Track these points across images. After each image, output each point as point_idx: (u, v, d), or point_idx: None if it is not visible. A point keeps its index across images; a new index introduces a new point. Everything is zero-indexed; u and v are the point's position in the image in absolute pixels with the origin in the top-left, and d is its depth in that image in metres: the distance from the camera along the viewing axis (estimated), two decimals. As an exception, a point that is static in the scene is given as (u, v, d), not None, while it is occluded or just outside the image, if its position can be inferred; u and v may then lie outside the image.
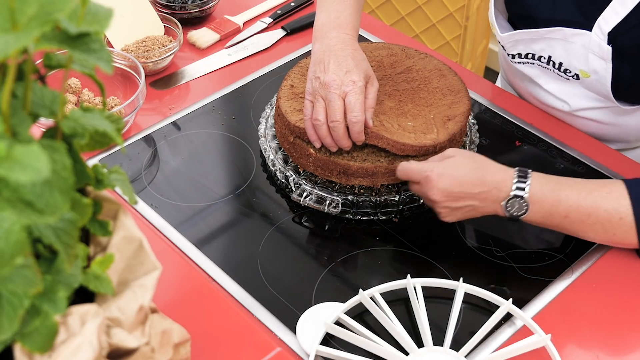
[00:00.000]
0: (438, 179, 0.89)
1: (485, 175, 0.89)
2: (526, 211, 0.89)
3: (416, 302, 0.86)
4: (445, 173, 0.89)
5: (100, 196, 0.64)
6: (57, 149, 0.51)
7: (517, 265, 0.95)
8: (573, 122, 1.14)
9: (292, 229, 0.99)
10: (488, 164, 0.91)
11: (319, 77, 0.94)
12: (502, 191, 0.89)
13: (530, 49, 1.08)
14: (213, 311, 0.86)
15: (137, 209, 1.00)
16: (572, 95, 1.09)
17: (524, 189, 0.88)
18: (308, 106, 0.95)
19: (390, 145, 0.96)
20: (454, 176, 0.89)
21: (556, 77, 1.09)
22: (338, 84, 0.92)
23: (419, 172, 0.91)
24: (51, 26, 0.48)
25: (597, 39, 0.98)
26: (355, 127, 0.93)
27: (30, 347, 0.54)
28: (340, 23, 1.00)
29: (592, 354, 0.85)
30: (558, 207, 0.88)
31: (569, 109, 1.11)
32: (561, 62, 1.06)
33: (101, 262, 0.60)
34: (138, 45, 1.23)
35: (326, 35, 0.99)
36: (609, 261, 0.95)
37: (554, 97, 1.12)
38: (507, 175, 0.89)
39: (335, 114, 0.92)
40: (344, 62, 0.94)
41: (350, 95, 0.92)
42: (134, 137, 1.11)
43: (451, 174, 0.89)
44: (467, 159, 0.91)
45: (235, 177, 1.06)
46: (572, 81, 1.07)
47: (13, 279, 0.50)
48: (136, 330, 0.61)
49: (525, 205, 0.89)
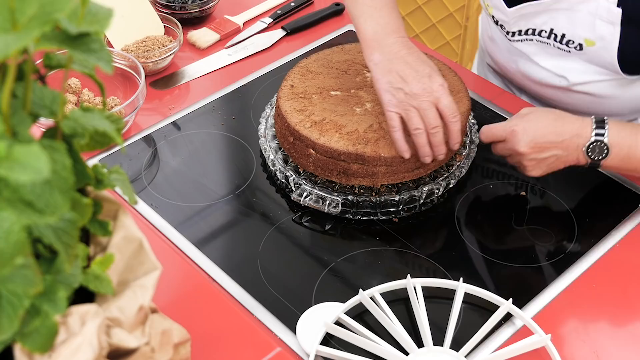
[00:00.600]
0: (524, 132, 0.95)
1: (565, 124, 0.95)
2: (606, 154, 0.94)
3: (416, 302, 0.86)
4: (529, 126, 0.95)
5: (100, 196, 0.64)
6: (57, 149, 0.51)
7: (517, 265, 0.95)
8: (569, 98, 1.14)
9: (292, 229, 0.99)
10: (565, 115, 0.97)
11: (401, 89, 0.93)
12: (582, 137, 0.95)
13: (531, 23, 1.08)
14: (213, 311, 0.86)
15: (137, 209, 1.00)
16: (571, 70, 1.10)
17: (603, 134, 0.94)
18: (395, 118, 0.94)
19: (390, 160, 0.96)
20: (537, 127, 0.95)
21: (555, 52, 1.10)
22: (429, 92, 0.93)
23: (504, 129, 0.97)
24: (51, 26, 0.48)
25: (605, 3, 0.99)
26: (456, 126, 0.94)
27: (30, 347, 0.54)
28: (393, 28, 0.99)
29: (592, 354, 0.85)
30: (636, 150, 0.95)
31: (567, 84, 1.11)
32: (564, 34, 1.06)
33: (101, 262, 0.60)
34: (138, 45, 1.23)
35: (384, 43, 0.97)
36: (609, 261, 0.95)
37: (551, 73, 1.13)
38: (585, 122, 0.95)
39: (435, 121, 0.93)
40: (420, 68, 0.94)
41: (443, 100, 0.93)
42: (134, 137, 1.11)
43: (535, 126, 0.95)
44: (545, 112, 0.97)
45: (235, 177, 1.06)
46: (573, 54, 1.07)
47: (13, 279, 0.50)
48: (136, 330, 0.61)
49: (606, 149, 0.94)
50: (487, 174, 1.08)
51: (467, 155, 1.05)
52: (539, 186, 1.06)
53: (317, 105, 1.03)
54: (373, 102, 1.04)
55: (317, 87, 1.06)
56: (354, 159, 0.96)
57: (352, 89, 1.06)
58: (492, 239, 0.99)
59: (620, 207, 1.03)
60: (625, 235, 0.99)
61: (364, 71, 1.10)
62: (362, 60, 1.12)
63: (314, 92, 1.05)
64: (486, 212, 1.03)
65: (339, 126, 0.99)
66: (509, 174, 1.08)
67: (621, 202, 1.04)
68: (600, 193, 1.06)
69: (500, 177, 1.08)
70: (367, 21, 1.00)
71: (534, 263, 0.95)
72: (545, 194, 1.05)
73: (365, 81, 1.08)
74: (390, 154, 0.96)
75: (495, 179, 1.07)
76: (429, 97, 0.92)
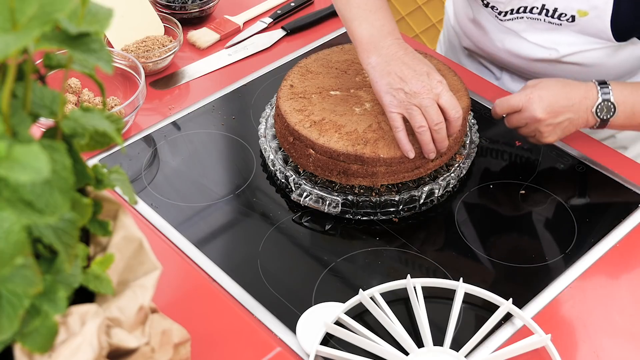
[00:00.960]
0: (540, 99, 1.01)
1: (572, 89, 1.02)
2: (614, 113, 1.02)
3: (416, 302, 0.86)
4: (543, 93, 1.01)
5: (100, 196, 0.64)
6: (57, 149, 0.51)
7: (517, 265, 0.95)
8: (556, 70, 1.16)
9: (292, 229, 0.99)
10: (569, 81, 1.04)
11: (401, 89, 0.94)
12: (590, 99, 1.02)
13: (523, 2, 1.10)
14: (213, 311, 0.86)
15: (137, 209, 1.00)
16: (561, 42, 1.12)
17: (608, 93, 1.02)
18: (397, 118, 0.95)
19: (390, 160, 0.96)
20: (550, 94, 1.01)
21: (545, 27, 1.11)
22: (428, 89, 0.94)
23: (520, 99, 1.02)
24: (51, 26, 0.48)
25: None
26: (458, 122, 0.96)
27: (30, 347, 0.54)
28: (389, 30, 1.00)
29: (592, 354, 0.85)
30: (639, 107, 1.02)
31: (557, 56, 1.13)
32: (556, 8, 1.08)
33: (101, 262, 0.60)
34: (138, 45, 1.23)
35: (380, 46, 0.98)
36: (609, 261, 0.95)
37: (540, 47, 1.14)
38: (589, 86, 1.03)
39: (438, 117, 0.94)
40: (418, 67, 0.96)
41: (443, 95, 0.94)
42: (134, 137, 1.11)
43: (548, 93, 1.01)
44: (553, 81, 1.04)
45: (235, 177, 1.06)
46: (564, 26, 1.09)
47: (13, 279, 0.50)
48: (136, 330, 0.61)
49: (613, 108, 1.02)
50: (487, 174, 1.08)
51: (467, 155, 1.05)
52: (539, 186, 1.06)
53: (317, 105, 1.03)
54: (372, 102, 1.04)
55: (316, 87, 1.06)
56: (353, 159, 0.96)
57: (351, 88, 1.06)
58: (492, 238, 0.99)
59: (620, 207, 1.03)
60: (625, 235, 0.99)
61: (363, 71, 1.10)
62: (362, 60, 1.13)
63: (314, 92, 1.05)
64: (486, 212, 1.03)
65: (338, 126, 0.99)
66: (509, 174, 1.08)
67: (621, 202, 1.04)
68: (600, 193, 1.06)
69: (500, 177, 1.08)
70: (362, 24, 1.00)
71: (534, 263, 0.95)
72: (545, 193, 1.05)
73: (364, 81, 1.08)
74: (389, 155, 0.96)
75: (495, 179, 1.07)
76: (430, 94, 0.94)
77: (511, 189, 1.06)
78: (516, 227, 1.01)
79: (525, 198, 1.05)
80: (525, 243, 0.98)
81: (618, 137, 1.26)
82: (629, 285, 0.93)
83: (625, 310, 0.90)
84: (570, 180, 1.07)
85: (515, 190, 1.06)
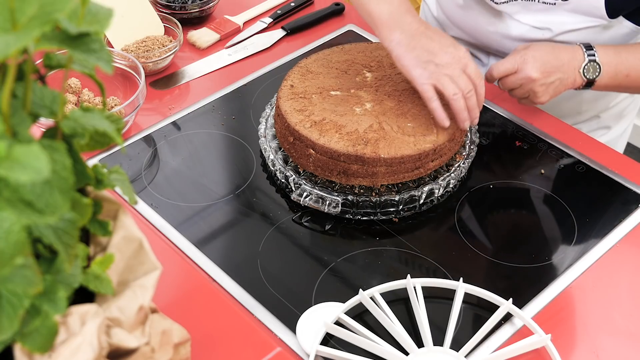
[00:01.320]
0: (534, 59, 1.05)
1: (560, 51, 1.07)
2: (599, 73, 1.06)
3: (416, 302, 0.86)
4: (535, 54, 1.06)
5: (100, 196, 0.64)
6: (57, 149, 0.51)
7: (517, 265, 0.95)
8: None
9: (292, 229, 0.99)
10: (556, 44, 1.09)
11: (431, 61, 0.98)
12: (577, 59, 1.06)
13: None
14: (213, 311, 0.86)
15: (137, 209, 1.00)
16: (553, 22, 1.14)
17: (594, 54, 1.06)
18: (429, 89, 0.98)
19: (390, 160, 0.96)
20: (541, 55, 1.05)
21: (538, 8, 1.13)
22: (457, 59, 0.98)
23: (515, 60, 1.06)
24: (51, 26, 0.48)
25: None
26: (482, 89, 1.01)
27: (30, 347, 0.54)
28: (406, 8, 1.02)
29: (592, 354, 0.85)
30: (621, 67, 1.07)
31: (551, 35, 1.15)
32: None
33: (101, 262, 0.60)
34: (138, 45, 1.23)
35: (402, 22, 1.00)
36: (609, 261, 0.95)
37: (533, 28, 1.15)
38: (574, 48, 1.07)
39: (468, 85, 0.98)
40: (442, 40, 1.00)
41: (470, 65, 0.99)
42: (134, 137, 1.11)
43: (539, 54, 1.06)
44: (541, 44, 1.09)
45: (235, 177, 1.06)
46: (558, 6, 1.11)
47: (13, 279, 0.50)
48: (136, 330, 0.61)
49: (599, 68, 1.06)
50: (487, 174, 1.08)
51: (467, 155, 1.05)
52: (539, 186, 1.06)
53: (317, 105, 1.03)
54: (373, 102, 1.04)
55: (317, 87, 1.06)
56: (353, 159, 0.96)
57: (352, 89, 1.06)
58: (492, 238, 0.99)
59: (620, 207, 1.03)
60: (625, 235, 0.99)
61: (363, 71, 1.10)
62: (362, 60, 1.12)
63: (314, 92, 1.05)
64: (486, 212, 1.03)
65: (338, 126, 0.99)
66: (509, 174, 1.08)
67: (621, 202, 1.04)
68: (600, 193, 1.06)
69: (500, 177, 1.08)
70: (380, 3, 1.02)
71: (534, 263, 0.95)
72: (545, 194, 1.05)
73: (365, 81, 1.08)
74: (390, 155, 0.96)
75: (495, 179, 1.07)
76: (459, 64, 0.98)
77: (511, 188, 1.06)
78: (516, 227, 1.01)
79: (525, 198, 1.05)
80: (525, 243, 0.98)
81: (602, 117, 1.28)
82: (628, 285, 0.93)
83: (625, 310, 0.90)
84: (570, 180, 1.07)
85: (515, 190, 1.06)
